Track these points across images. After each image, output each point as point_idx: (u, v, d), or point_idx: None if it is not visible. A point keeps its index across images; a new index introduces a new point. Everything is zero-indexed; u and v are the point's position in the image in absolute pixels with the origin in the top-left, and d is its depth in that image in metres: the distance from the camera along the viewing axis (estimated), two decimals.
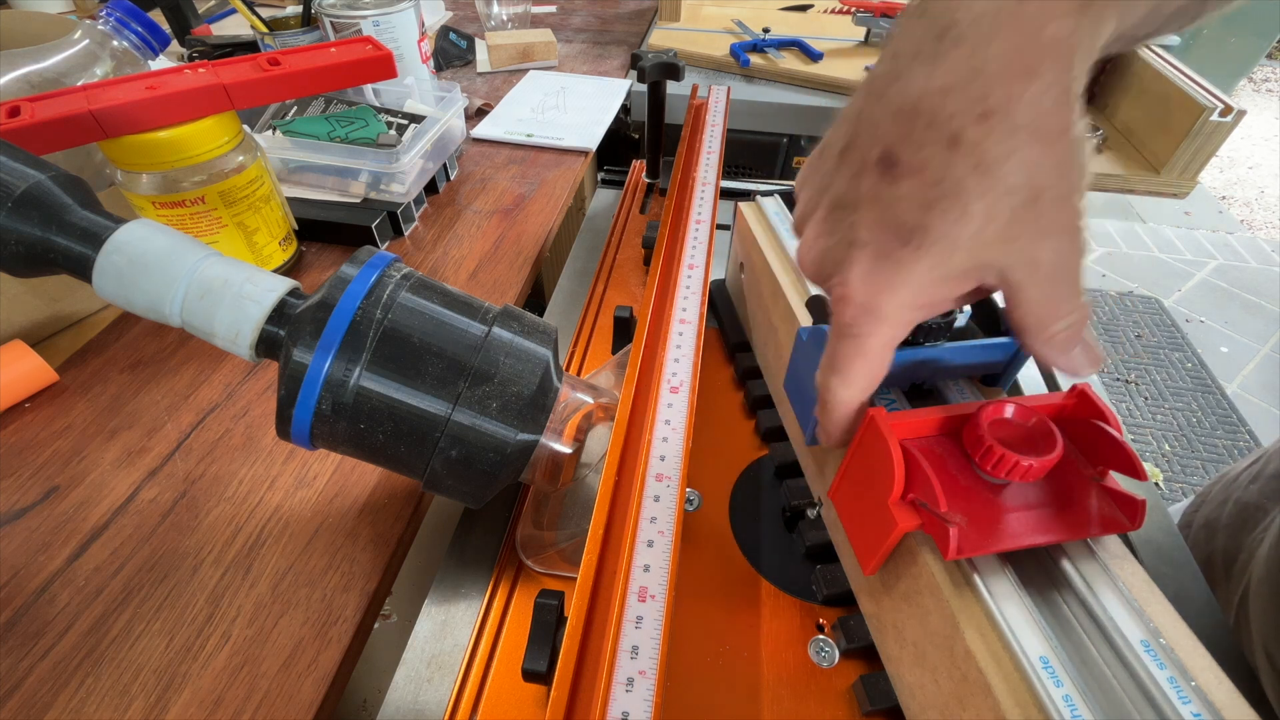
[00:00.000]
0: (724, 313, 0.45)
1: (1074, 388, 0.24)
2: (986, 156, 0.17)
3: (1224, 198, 2.36)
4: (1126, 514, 0.22)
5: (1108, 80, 0.75)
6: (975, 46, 0.17)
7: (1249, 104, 2.92)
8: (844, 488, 0.26)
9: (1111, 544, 0.23)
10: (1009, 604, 0.21)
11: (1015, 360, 0.28)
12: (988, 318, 0.28)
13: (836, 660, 0.29)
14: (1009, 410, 0.22)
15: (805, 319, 0.31)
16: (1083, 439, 0.23)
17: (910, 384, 0.28)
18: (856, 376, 0.22)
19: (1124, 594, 0.21)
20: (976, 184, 0.18)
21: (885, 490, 0.22)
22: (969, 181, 0.18)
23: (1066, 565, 0.22)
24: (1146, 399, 1.57)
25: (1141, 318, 1.79)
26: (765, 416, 0.38)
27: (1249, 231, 2.18)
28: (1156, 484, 1.39)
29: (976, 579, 0.22)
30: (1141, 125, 0.71)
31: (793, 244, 0.36)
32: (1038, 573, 0.23)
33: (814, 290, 0.33)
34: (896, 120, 0.19)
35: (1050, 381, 0.45)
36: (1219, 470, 1.41)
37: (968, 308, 0.28)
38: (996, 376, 0.29)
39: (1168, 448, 1.46)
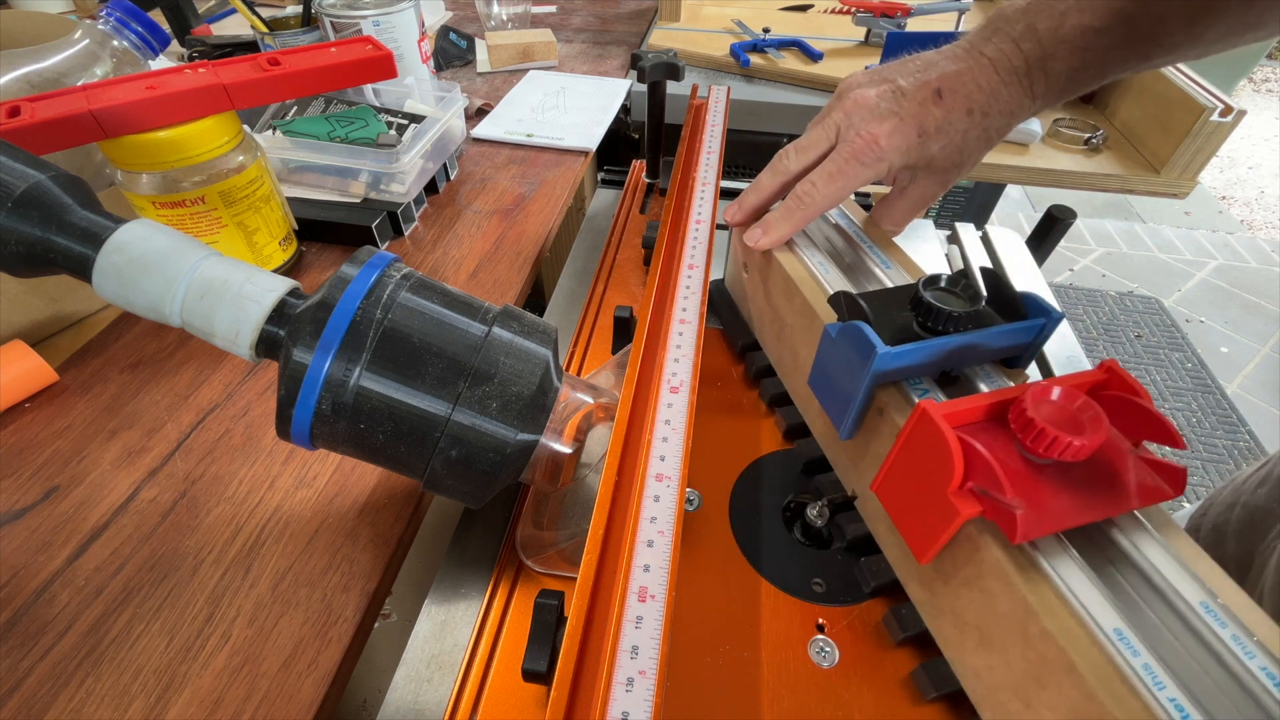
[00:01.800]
0: (725, 312, 0.45)
1: (1103, 364, 0.25)
2: (954, 124, 0.33)
3: (1224, 198, 2.36)
4: (1169, 482, 0.22)
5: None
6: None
7: (1249, 104, 2.92)
8: (891, 480, 0.26)
9: (1156, 513, 0.23)
10: (1076, 582, 0.22)
11: (1038, 341, 0.28)
12: (1006, 305, 0.29)
13: (836, 660, 0.29)
14: (1055, 392, 0.23)
15: (825, 315, 0.32)
16: (1116, 413, 0.23)
17: (939, 373, 0.29)
18: (842, 187, 0.33)
19: (1177, 559, 0.22)
20: (958, 132, 0.33)
21: (943, 480, 0.22)
22: (960, 125, 0.33)
23: (1119, 537, 0.23)
24: None
25: (1141, 318, 1.79)
26: (786, 414, 0.38)
27: (1249, 231, 2.18)
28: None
29: (1041, 560, 0.22)
30: (1141, 125, 0.71)
31: (804, 247, 0.37)
32: (1090, 548, 0.23)
33: (830, 288, 0.34)
34: (938, 80, 0.33)
35: (1044, 368, 0.46)
36: (1219, 470, 1.41)
37: (985, 293, 0.29)
38: (1018, 359, 0.29)
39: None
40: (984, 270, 0.30)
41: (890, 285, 0.34)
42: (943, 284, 0.28)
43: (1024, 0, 0.33)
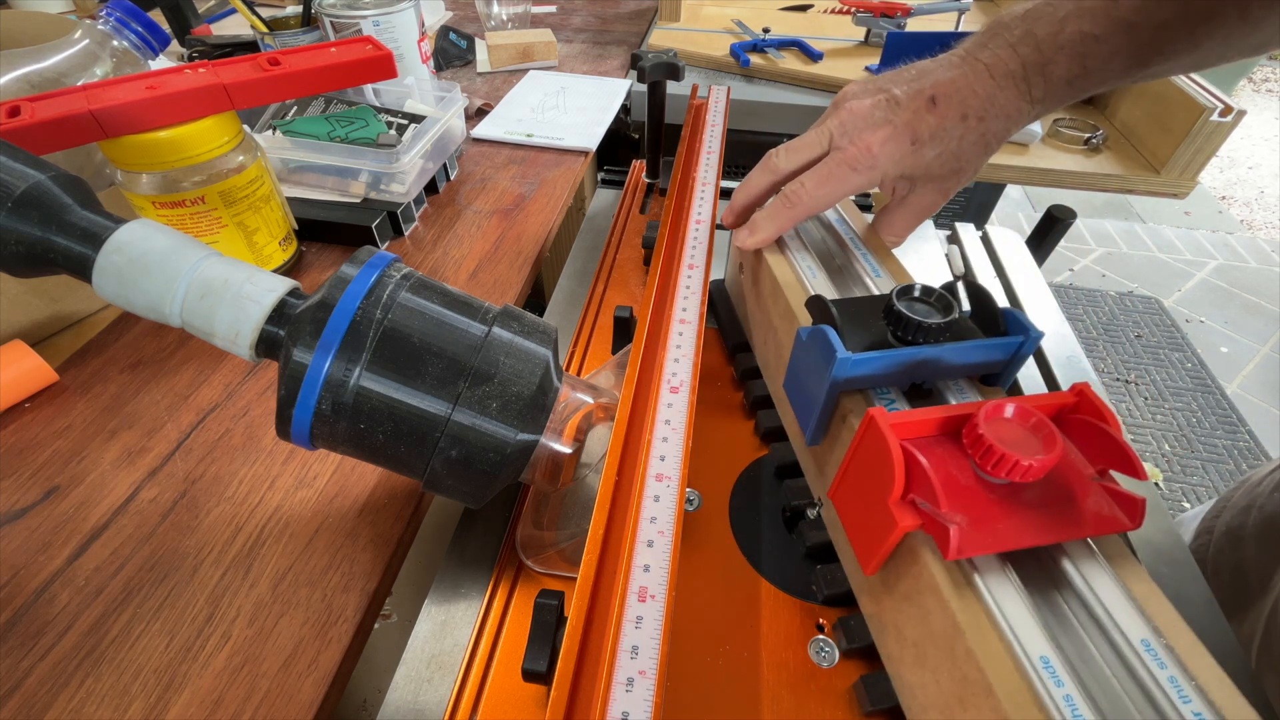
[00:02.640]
0: (723, 313, 0.45)
1: (1074, 387, 0.24)
2: (950, 134, 0.33)
3: (1224, 198, 2.36)
4: (1127, 513, 0.22)
5: None
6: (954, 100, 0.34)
7: (1249, 104, 2.92)
8: (844, 488, 0.26)
9: (1112, 544, 0.23)
10: (1010, 604, 0.21)
11: (1015, 360, 0.28)
12: (987, 318, 0.28)
13: (836, 660, 0.29)
14: (1009, 410, 0.22)
15: (805, 319, 0.31)
16: (1083, 438, 0.23)
17: (910, 384, 0.28)
18: (831, 192, 0.34)
19: (1125, 593, 0.21)
20: (953, 138, 0.33)
21: (886, 490, 0.22)
22: (954, 131, 0.33)
23: (1067, 565, 0.22)
24: (1146, 399, 1.57)
25: (1141, 318, 1.79)
26: (765, 416, 0.38)
27: (1249, 231, 2.18)
28: (1156, 484, 1.39)
29: (977, 579, 0.22)
30: (1141, 125, 0.71)
31: (795, 249, 0.37)
32: (1038, 572, 0.23)
33: (813, 290, 0.33)
34: (932, 88, 0.33)
35: (1049, 382, 0.46)
36: (1219, 470, 1.41)
37: (967, 306, 0.29)
38: (996, 376, 0.28)
39: (1168, 448, 1.46)
40: (969, 284, 0.29)
41: (877, 293, 0.33)
42: (916, 294, 0.28)
43: (1022, 8, 0.33)
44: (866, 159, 0.33)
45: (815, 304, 0.29)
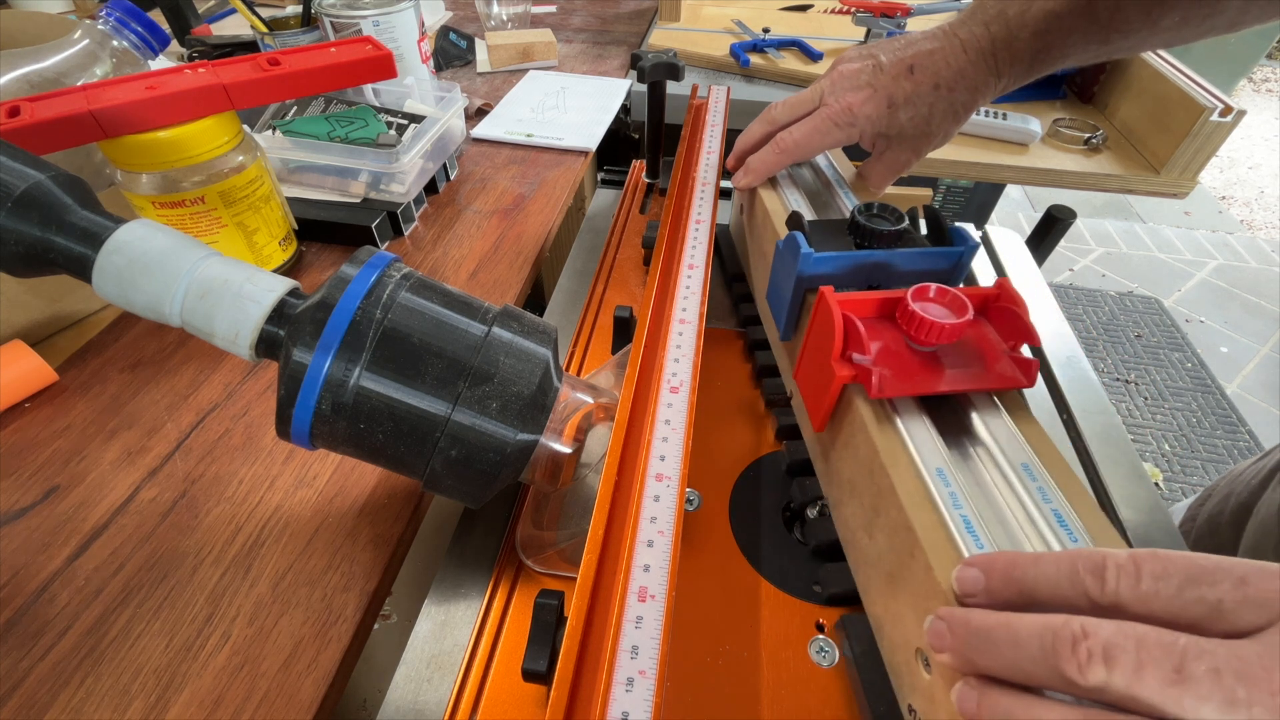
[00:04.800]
0: (725, 251, 0.50)
1: (997, 281, 0.29)
2: (923, 99, 0.37)
3: (1224, 198, 2.36)
4: (1024, 373, 0.27)
5: (1108, 80, 0.76)
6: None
7: (1249, 104, 2.92)
8: (804, 364, 0.32)
9: (1014, 400, 0.28)
10: (919, 434, 0.26)
11: (958, 268, 0.33)
12: (936, 231, 0.33)
13: (836, 660, 0.29)
14: (932, 290, 0.27)
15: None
16: (1002, 322, 0.28)
17: (867, 286, 0.32)
18: (816, 143, 0.38)
19: (1015, 432, 0.26)
20: (925, 104, 0.37)
21: (831, 353, 0.27)
22: (927, 98, 0.36)
23: (974, 415, 0.27)
24: (1146, 399, 1.57)
25: (1141, 318, 1.79)
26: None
27: (1249, 231, 2.18)
28: (1157, 484, 1.39)
29: (897, 419, 0.26)
30: (1141, 125, 0.71)
31: (786, 187, 0.41)
32: (951, 422, 0.27)
33: (793, 207, 0.38)
34: (913, 58, 0.36)
35: (1050, 383, 0.46)
36: (1219, 470, 1.41)
37: (924, 224, 0.34)
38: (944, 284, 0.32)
39: (1167, 448, 1.46)
40: (925, 208, 0.34)
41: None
42: (875, 210, 0.33)
43: None
44: (847, 116, 0.37)
45: (793, 219, 0.34)
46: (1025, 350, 0.28)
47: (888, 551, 0.25)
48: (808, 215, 0.38)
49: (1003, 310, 0.28)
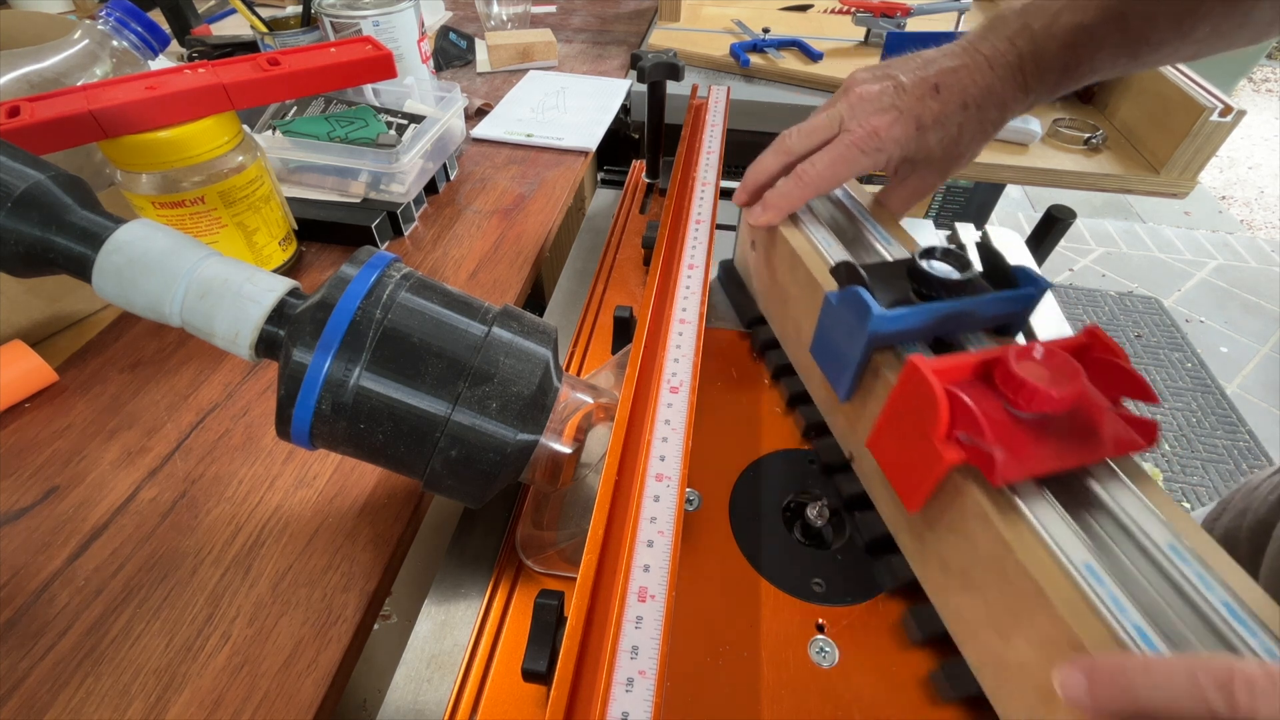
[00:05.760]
0: (733, 290, 0.47)
1: (1085, 328, 0.26)
2: (950, 120, 0.34)
3: (1224, 198, 2.36)
4: (1142, 434, 0.24)
5: (1108, 80, 0.76)
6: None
7: (1249, 104, 2.92)
8: (883, 436, 0.28)
9: (1129, 465, 0.25)
10: (1051, 522, 0.23)
11: (1027, 310, 0.30)
12: (998, 273, 0.30)
13: (836, 660, 0.29)
14: (1038, 351, 0.24)
15: (828, 286, 0.33)
16: (1097, 373, 0.25)
17: (934, 338, 0.30)
18: (841, 172, 0.35)
19: (1146, 504, 0.24)
20: (954, 125, 0.35)
21: (930, 429, 0.24)
22: (955, 118, 0.34)
23: (1095, 485, 0.24)
24: None
25: (1141, 318, 1.79)
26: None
27: (1249, 231, 2.18)
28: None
29: (1020, 503, 0.23)
30: (1141, 125, 0.71)
31: (809, 223, 0.38)
32: (1067, 495, 0.24)
33: (832, 259, 0.35)
34: (936, 77, 0.34)
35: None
36: (1219, 470, 1.41)
37: (979, 266, 0.31)
38: (1008, 327, 0.31)
39: (1167, 448, 1.46)
40: (979, 245, 0.32)
41: (890, 259, 0.35)
42: (938, 254, 0.30)
43: (1020, 3, 0.34)
44: (873, 142, 0.34)
45: (844, 269, 0.31)
46: (1127, 402, 0.25)
47: (1040, 663, 0.22)
48: (837, 252, 0.35)
49: (1099, 362, 0.25)
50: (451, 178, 0.62)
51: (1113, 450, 0.24)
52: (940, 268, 0.30)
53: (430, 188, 0.59)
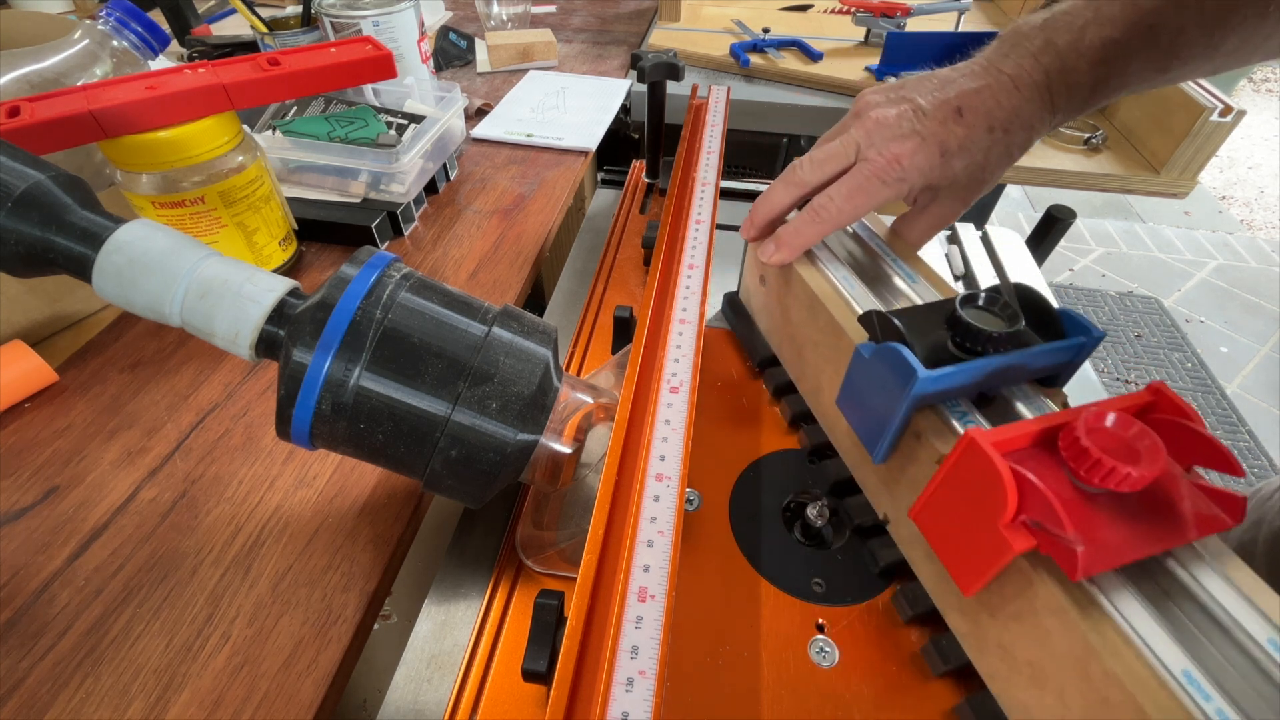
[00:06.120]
0: (741, 327, 0.44)
1: (1150, 385, 0.24)
2: (977, 144, 0.32)
3: (1224, 198, 2.36)
4: (1228, 511, 0.21)
5: None
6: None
7: (1249, 104, 2.92)
8: (932, 508, 0.25)
9: (1210, 542, 0.22)
10: (1139, 620, 0.21)
11: (1077, 360, 0.28)
12: (1041, 320, 0.28)
13: (836, 660, 0.29)
14: (1110, 419, 0.22)
15: (855, 333, 0.31)
16: (1164, 436, 0.22)
17: (976, 394, 0.28)
18: (861, 204, 0.33)
19: (1240, 592, 0.21)
20: (980, 150, 0.33)
21: (993, 512, 0.22)
22: (981, 143, 0.32)
23: (1177, 569, 0.22)
24: None
25: (1141, 318, 1.79)
26: (811, 431, 0.37)
27: (1249, 231, 2.18)
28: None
29: (1101, 597, 0.21)
30: (1141, 125, 0.71)
31: (826, 260, 0.36)
32: (1148, 581, 0.22)
33: (857, 302, 0.33)
34: (958, 99, 0.32)
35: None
36: (1219, 471, 1.41)
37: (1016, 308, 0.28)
38: (1055, 378, 0.28)
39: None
40: (1018, 287, 0.29)
41: (917, 300, 0.33)
42: (980, 303, 0.27)
43: (1039, 17, 0.32)
44: (895, 171, 0.32)
45: (877, 320, 0.28)
46: (1203, 473, 0.23)
47: None
48: (862, 295, 0.33)
49: (1166, 424, 0.22)
50: (451, 178, 0.62)
51: (1197, 532, 0.21)
52: (985, 318, 0.27)
53: (430, 188, 0.59)
